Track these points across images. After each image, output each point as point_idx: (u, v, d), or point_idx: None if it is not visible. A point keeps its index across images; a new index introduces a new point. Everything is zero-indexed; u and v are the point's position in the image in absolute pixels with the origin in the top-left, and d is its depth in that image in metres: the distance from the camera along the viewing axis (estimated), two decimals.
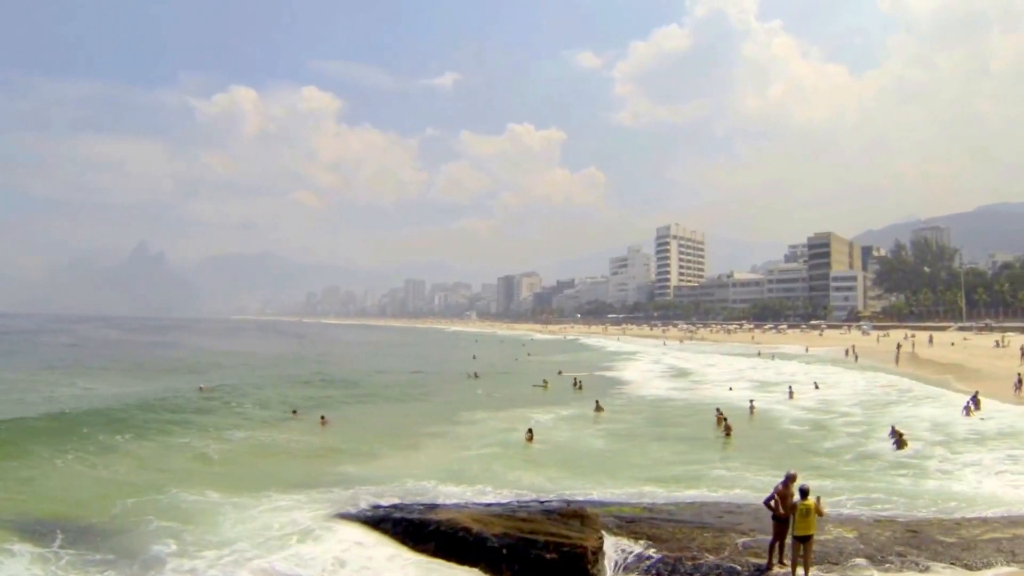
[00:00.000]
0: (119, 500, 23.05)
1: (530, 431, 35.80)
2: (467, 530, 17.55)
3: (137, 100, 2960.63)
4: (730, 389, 58.90)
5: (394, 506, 21.31)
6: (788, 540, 16.02)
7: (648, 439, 38.03)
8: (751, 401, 47.45)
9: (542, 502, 21.92)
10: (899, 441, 32.74)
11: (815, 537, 15.85)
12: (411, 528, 18.60)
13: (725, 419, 39.60)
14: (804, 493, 15.66)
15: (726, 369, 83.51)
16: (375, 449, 34.60)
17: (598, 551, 16.56)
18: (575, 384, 63.47)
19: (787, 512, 15.91)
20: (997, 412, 41.44)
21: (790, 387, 55.32)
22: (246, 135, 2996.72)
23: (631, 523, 19.21)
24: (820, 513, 15.64)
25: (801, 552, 15.59)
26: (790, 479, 16.32)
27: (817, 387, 58.15)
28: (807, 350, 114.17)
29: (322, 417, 42.47)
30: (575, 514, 18.40)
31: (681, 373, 79.82)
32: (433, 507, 20.46)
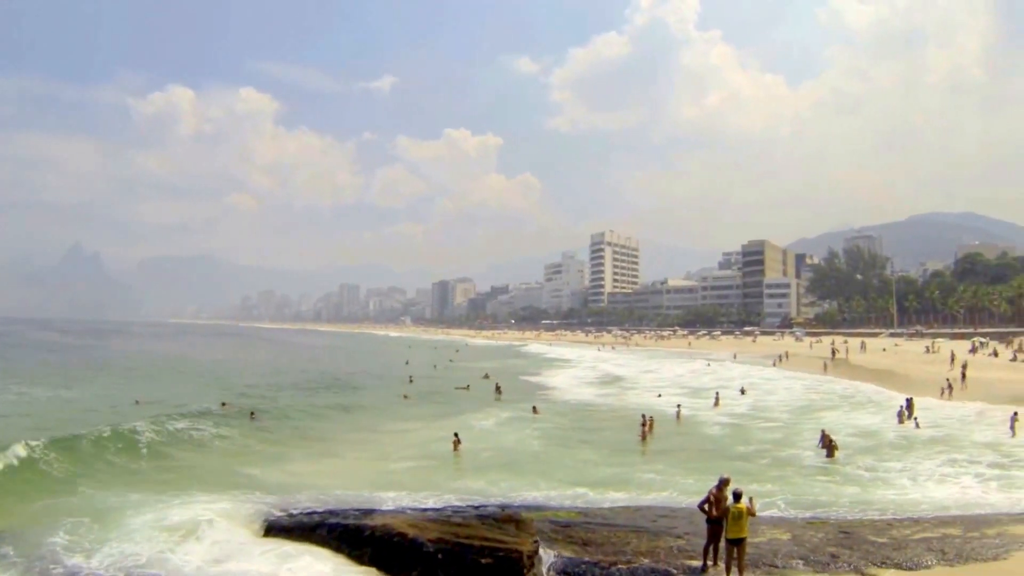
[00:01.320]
0: (39, 500, 22.97)
1: (456, 436, 35.66)
2: (402, 536, 17.47)
3: (71, 97, 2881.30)
4: (659, 396, 60.05)
5: (329, 511, 21.13)
6: (722, 543, 16.22)
7: (578, 443, 38.62)
8: (678, 406, 48.87)
9: (477, 507, 22.05)
10: (829, 447, 33.43)
11: (749, 539, 16.08)
12: (346, 534, 18.47)
13: (646, 423, 40.45)
14: (737, 496, 15.95)
15: (660, 376, 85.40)
16: (307, 454, 34.49)
17: (534, 556, 16.60)
18: (496, 389, 64.70)
19: (720, 515, 16.12)
20: (928, 417, 42.73)
21: (716, 394, 56.59)
22: (183, 135, 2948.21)
23: (566, 528, 19.47)
24: (752, 514, 15.88)
25: (735, 555, 15.83)
26: (723, 483, 16.56)
27: (744, 393, 59.47)
28: (735, 356, 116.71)
29: (252, 413, 43.09)
30: (510, 519, 18.44)
31: (614, 379, 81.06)
32: (368, 513, 20.32)
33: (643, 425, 40.20)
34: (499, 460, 33.07)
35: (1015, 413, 38.24)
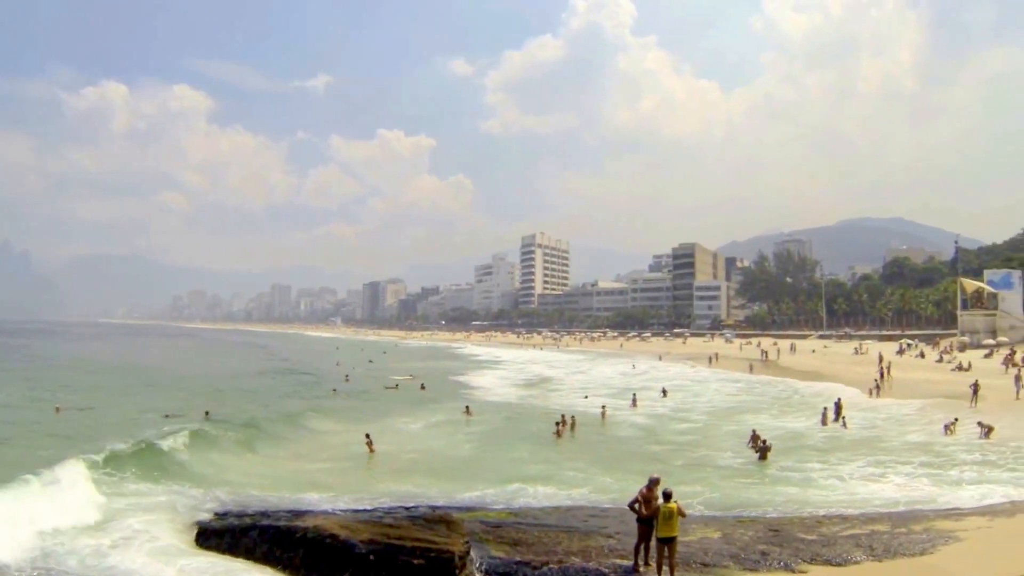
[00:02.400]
0: None
1: (368, 437, 35.32)
2: (334, 537, 17.54)
3: (1, 90, 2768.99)
4: (585, 397, 61.14)
5: (261, 513, 20.92)
6: (653, 542, 16.35)
7: (503, 444, 38.99)
8: (603, 407, 49.86)
9: (408, 508, 22.11)
10: (762, 448, 33.93)
11: (680, 538, 16.25)
12: (278, 536, 18.40)
13: (560, 424, 41.42)
14: (667, 496, 16.10)
15: (588, 377, 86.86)
16: (242, 453, 34.39)
17: (465, 556, 16.75)
18: (420, 387, 66.94)
19: (651, 515, 16.24)
20: (856, 417, 43.76)
21: (634, 395, 57.78)
22: (116, 132, 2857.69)
23: (497, 528, 19.59)
24: (683, 515, 16.05)
25: (666, 553, 15.96)
26: (654, 483, 16.70)
27: (665, 394, 60.76)
28: (660, 358, 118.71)
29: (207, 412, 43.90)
30: (441, 520, 18.58)
31: (543, 380, 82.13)
32: (300, 514, 20.28)
33: (558, 424, 41.15)
34: (423, 462, 33.19)
35: (955, 419, 39.38)
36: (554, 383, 78.70)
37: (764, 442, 34.45)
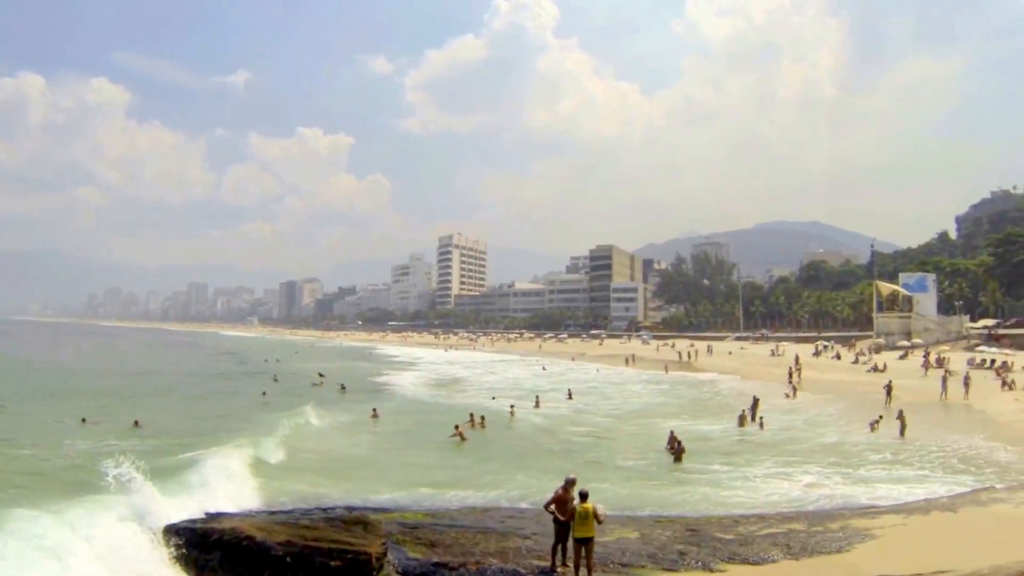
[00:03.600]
0: None
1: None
2: (251, 539, 17.30)
3: None
4: (493, 398, 61.30)
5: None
6: (570, 542, 16.39)
7: (414, 444, 39.17)
8: (511, 407, 50.76)
9: (325, 510, 22.08)
10: (677, 449, 34.27)
11: (597, 539, 16.32)
12: (195, 539, 18.03)
13: (459, 428, 41.33)
14: (584, 496, 16.21)
15: (502, 377, 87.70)
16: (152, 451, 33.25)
17: (383, 557, 16.83)
18: (336, 387, 67.76)
19: (567, 516, 16.29)
20: (772, 420, 44.56)
21: (536, 397, 58.23)
22: (32, 125, 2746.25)
23: (414, 529, 19.69)
24: (599, 520, 16.13)
25: (583, 554, 16.03)
26: (570, 483, 16.80)
27: (571, 397, 61.25)
28: (573, 360, 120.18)
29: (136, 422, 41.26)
30: (358, 521, 18.54)
31: (454, 381, 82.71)
32: (216, 516, 19.93)
33: (457, 427, 41.17)
34: (336, 463, 32.96)
35: (880, 416, 40.48)
36: (464, 384, 79.34)
37: (678, 443, 34.86)
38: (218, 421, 45.22)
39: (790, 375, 66.18)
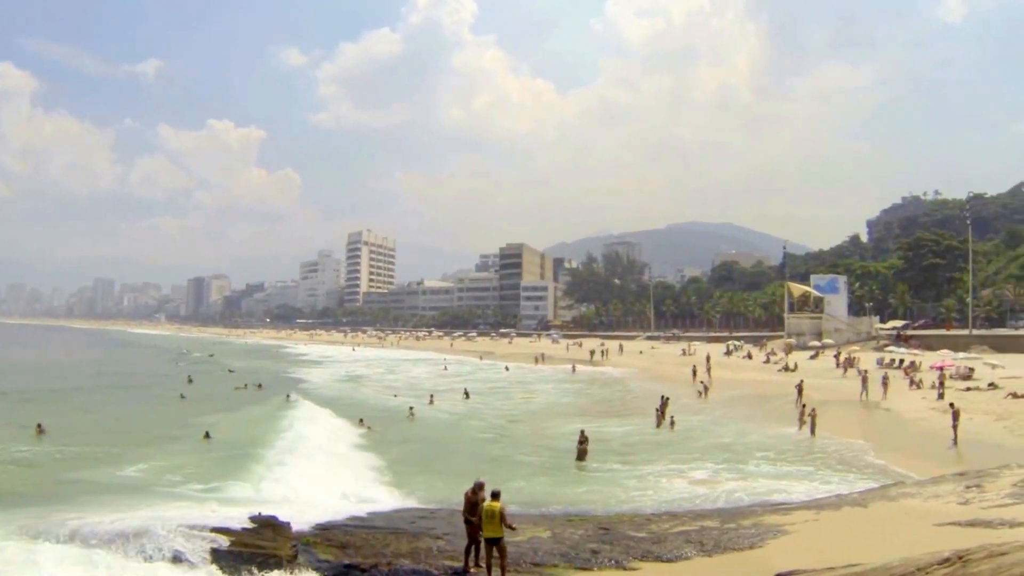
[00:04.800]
0: None
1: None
2: None
3: None
4: (395, 396, 62.61)
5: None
6: (482, 543, 16.38)
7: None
8: (411, 408, 51.43)
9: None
10: (582, 448, 34.38)
11: (509, 539, 16.31)
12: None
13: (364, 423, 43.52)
14: (495, 496, 16.26)
15: (405, 376, 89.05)
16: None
17: (293, 560, 16.79)
18: (252, 387, 68.42)
19: (477, 516, 16.29)
20: (681, 417, 45.21)
21: (431, 395, 59.71)
22: None
23: (325, 530, 19.54)
24: (510, 527, 16.19)
25: (495, 554, 16.00)
26: (479, 486, 16.91)
27: (468, 396, 62.17)
28: (481, 359, 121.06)
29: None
30: (267, 523, 18.33)
31: (355, 378, 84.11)
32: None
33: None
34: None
35: (813, 411, 41.20)
36: (368, 381, 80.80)
37: (584, 442, 35.03)
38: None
39: (694, 373, 67.45)
